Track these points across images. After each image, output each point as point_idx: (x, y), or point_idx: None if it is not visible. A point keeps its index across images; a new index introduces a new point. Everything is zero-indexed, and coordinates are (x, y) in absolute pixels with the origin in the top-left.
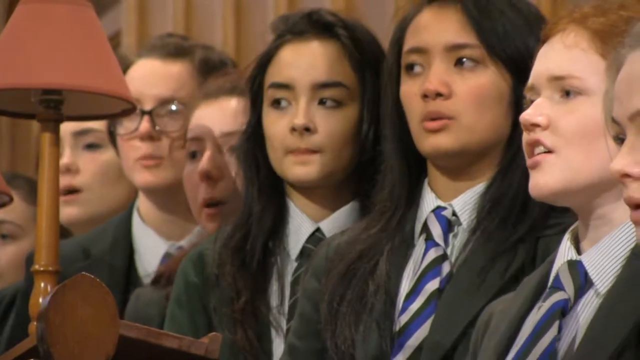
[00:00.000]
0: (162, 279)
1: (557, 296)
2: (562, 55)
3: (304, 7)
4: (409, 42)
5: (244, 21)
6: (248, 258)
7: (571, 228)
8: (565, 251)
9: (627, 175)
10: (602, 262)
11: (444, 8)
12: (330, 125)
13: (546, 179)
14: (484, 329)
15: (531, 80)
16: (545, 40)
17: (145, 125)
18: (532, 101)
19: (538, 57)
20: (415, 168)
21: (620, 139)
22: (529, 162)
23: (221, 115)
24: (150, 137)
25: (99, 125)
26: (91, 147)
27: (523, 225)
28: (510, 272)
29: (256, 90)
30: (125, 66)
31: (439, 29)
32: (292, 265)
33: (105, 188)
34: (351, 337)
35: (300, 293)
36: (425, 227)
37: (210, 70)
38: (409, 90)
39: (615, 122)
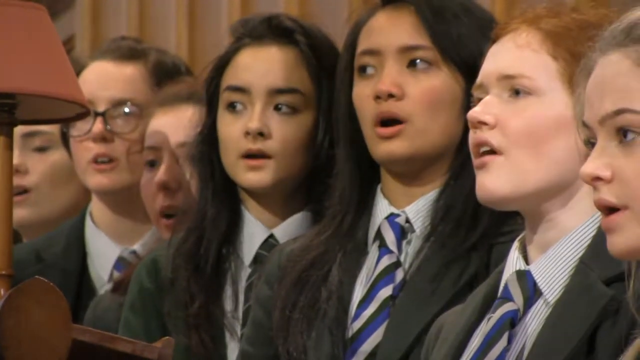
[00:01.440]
0: (122, 286)
1: (507, 307)
2: (513, 54)
3: (258, 12)
4: (362, 44)
5: (198, 26)
6: (202, 262)
7: (519, 237)
8: (513, 261)
9: (598, 179)
10: (551, 271)
11: (397, 11)
12: (284, 131)
13: (493, 181)
14: (434, 341)
15: (480, 78)
16: (496, 39)
17: (98, 126)
18: (480, 99)
19: (488, 56)
20: (367, 172)
21: (591, 143)
22: (475, 162)
23: (178, 124)
24: (103, 139)
25: (48, 126)
26: (40, 149)
27: (475, 232)
28: (463, 280)
29: (212, 93)
30: (78, 69)
31: (393, 31)
32: (245, 272)
33: (54, 189)
34: (303, 344)
35: (253, 300)
36: (379, 234)
37: (163, 73)
38: (362, 92)
39: (586, 125)
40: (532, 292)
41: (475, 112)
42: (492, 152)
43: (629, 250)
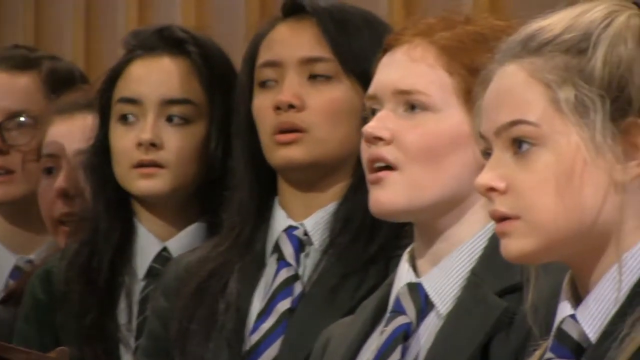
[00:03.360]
0: (13, 297)
1: (399, 320)
2: (408, 69)
3: (154, 23)
4: (263, 56)
5: (94, 35)
6: (95, 275)
7: (408, 249)
8: (404, 273)
9: (492, 189)
10: (442, 283)
11: (299, 22)
12: (177, 142)
13: (388, 195)
14: (321, 353)
15: (373, 89)
16: (388, 49)
17: None
18: (372, 109)
19: (381, 67)
20: (266, 185)
21: (488, 154)
22: (370, 177)
23: (76, 132)
24: None
25: None
26: None
27: (373, 245)
28: (361, 293)
29: (104, 105)
30: None
31: (294, 43)
32: (139, 285)
33: None
34: (201, 356)
35: (150, 311)
36: (277, 247)
37: (57, 81)
38: (262, 103)
39: (483, 137)
40: (424, 305)
41: (370, 128)
42: (387, 167)
43: (521, 254)
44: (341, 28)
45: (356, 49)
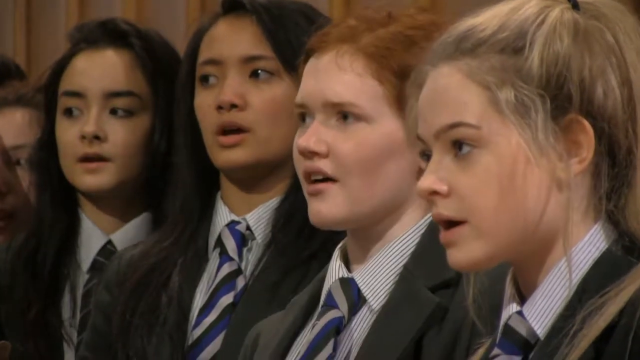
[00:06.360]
0: None
1: (331, 314)
2: (337, 79)
3: (95, 18)
4: (204, 54)
5: (35, 31)
6: (39, 269)
7: (339, 245)
8: (335, 269)
9: (435, 193)
10: (375, 278)
11: (239, 19)
12: (121, 134)
13: (329, 207)
14: (252, 349)
15: (301, 98)
16: (312, 53)
17: None
18: (302, 115)
19: (308, 74)
20: (208, 180)
21: (426, 156)
22: (309, 188)
23: (7, 127)
24: None
25: None
26: None
27: (316, 241)
28: (303, 288)
29: (50, 99)
30: None
31: (234, 41)
32: (83, 278)
33: None
34: (143, 349)
35: (93, 306)
36: (219, 241)
37: None
38: (203, 102)
39: (421, 139)
40: (356, 299)
41: (305, 141)
42: (325, 179)
43: (469, 263)
44: (280, 24)
45: (296, 45)
